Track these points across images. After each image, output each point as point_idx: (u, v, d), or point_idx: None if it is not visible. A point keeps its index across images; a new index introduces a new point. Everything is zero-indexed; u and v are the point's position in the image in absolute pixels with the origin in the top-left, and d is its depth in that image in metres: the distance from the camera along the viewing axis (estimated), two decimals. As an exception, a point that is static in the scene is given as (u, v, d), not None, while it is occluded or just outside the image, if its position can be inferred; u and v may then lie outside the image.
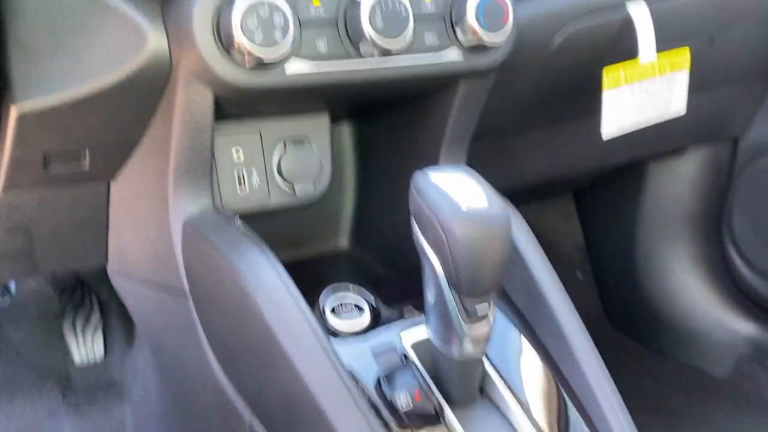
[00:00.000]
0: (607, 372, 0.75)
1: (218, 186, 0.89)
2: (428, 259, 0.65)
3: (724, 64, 1.34)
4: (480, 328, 0.67)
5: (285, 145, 0.93)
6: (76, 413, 1.45)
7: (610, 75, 1.02)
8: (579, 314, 2.04)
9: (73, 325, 1.50)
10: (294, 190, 0.94)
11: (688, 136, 1.57)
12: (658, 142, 1.52)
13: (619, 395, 0.73)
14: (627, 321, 1.94)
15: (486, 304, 0.65)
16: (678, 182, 1.76)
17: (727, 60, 1.34)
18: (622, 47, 1.05)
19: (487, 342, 0.68)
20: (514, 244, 0.81)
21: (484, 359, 0.75)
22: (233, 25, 0.68)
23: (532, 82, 1.03)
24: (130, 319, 1.49)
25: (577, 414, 0.73)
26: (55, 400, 1.45)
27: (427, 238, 0.65)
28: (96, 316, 1.51)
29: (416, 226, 0.66)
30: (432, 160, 0.96)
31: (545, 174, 1.41)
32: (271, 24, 0.69)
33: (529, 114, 1.15)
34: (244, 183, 0.91)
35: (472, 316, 0.65)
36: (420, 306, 0.79)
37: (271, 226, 0.93)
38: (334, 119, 1.02)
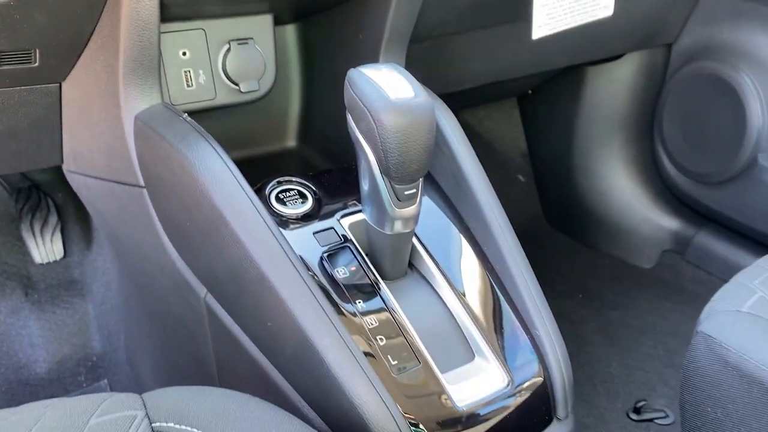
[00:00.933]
0: (519, 246, 0.84)
1: (167, 85, 0.93)
2: (362, 148, 0.72)
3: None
4: (409, 210, 0.75)
5: (230, 45, 0.97)
6: (39, 310, 1.52)
7: (541, -21, 1.07)
8: (520, 214, 2.16)
9: (31, 226, 1.54)
10: (237, 85, 0.99)
11: (623, 42, 1.63)
12: (594, 48, 1.59)
13: (529, 267, 0.83)
14: (564, 219, 2.07)
15: (414, 190, 0.73)
16: (614, 87, 1.85)
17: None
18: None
19: (415, 221, 0.77)
20: (443, 135, 0.88)
21: (415, 240, 0.84)
22: None
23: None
24: (88, 221, 1.55)
25: (492, 280, 0.83)
26: (18, 299, 1.51)
27: (360, 129, 0.71)
28: (53, 218, 1.56)
29: (350, 118, 0.72)
30: (372, 60, 1.01)
31: (485, 76, 1.47)
32: None
33: (466, 16, 1.19)
34: (192, 82, 0.96)
35: (402, 200, 0.73)
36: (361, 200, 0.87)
37: (222, 127, 0.98)
38: (279, 22, 1.06)
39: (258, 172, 0.89)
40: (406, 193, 0.73)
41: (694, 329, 0.86)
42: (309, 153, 1.18)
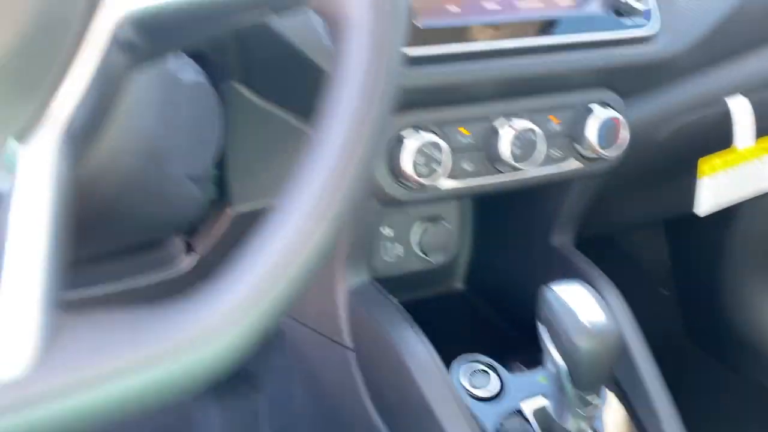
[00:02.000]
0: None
1: (371, 258, 1.10)
2: (552, 358, 0.84)
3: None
4: (592, 410, 0.85)
5: (423, 223, 1.13)
6: (218, 400, 1.72)
7: (706, 165, 1.15)
8: (660, 328, 2.19)
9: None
10: (428, 257, 1.14)
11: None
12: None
13: None
14: (707, 337, 2.06)
15: (598, 396, 0.84)
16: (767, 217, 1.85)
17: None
18: (721, 132, 1.17)
19: (596, 419, 0.87)
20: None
21: (588, 425, 0.94)
22: (403, 164, 0.87)
23: (636, 167, 1.18)
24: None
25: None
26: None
27: (553, 343, 0.83)
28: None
29: (545, 333, 0.84)
30: (543, 233, 1.13)
31: (641, 218, 1.55)
32: (432, 158, 0.88)
33: (627, 183, 1.29)
34: (391, 255, 1.12)
35: (585, 404, 0.84)
36: (526, 362, 0.99)
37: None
38: None
39: (434, 321, 1.01)
40: (589, 398, 0.84)
41: None
42: (475, 298, 1.31)
